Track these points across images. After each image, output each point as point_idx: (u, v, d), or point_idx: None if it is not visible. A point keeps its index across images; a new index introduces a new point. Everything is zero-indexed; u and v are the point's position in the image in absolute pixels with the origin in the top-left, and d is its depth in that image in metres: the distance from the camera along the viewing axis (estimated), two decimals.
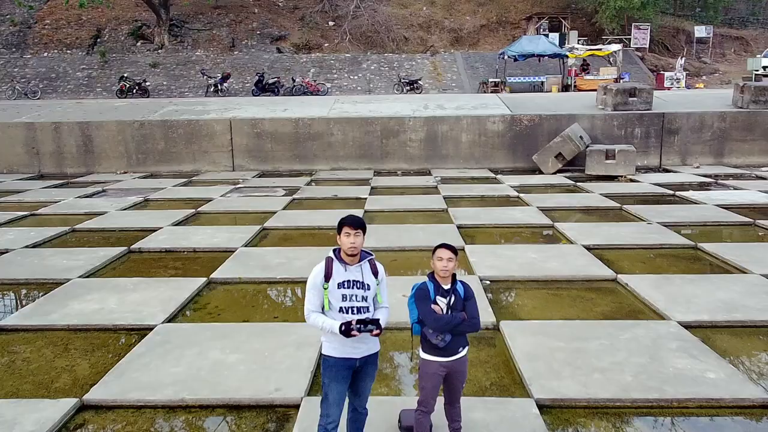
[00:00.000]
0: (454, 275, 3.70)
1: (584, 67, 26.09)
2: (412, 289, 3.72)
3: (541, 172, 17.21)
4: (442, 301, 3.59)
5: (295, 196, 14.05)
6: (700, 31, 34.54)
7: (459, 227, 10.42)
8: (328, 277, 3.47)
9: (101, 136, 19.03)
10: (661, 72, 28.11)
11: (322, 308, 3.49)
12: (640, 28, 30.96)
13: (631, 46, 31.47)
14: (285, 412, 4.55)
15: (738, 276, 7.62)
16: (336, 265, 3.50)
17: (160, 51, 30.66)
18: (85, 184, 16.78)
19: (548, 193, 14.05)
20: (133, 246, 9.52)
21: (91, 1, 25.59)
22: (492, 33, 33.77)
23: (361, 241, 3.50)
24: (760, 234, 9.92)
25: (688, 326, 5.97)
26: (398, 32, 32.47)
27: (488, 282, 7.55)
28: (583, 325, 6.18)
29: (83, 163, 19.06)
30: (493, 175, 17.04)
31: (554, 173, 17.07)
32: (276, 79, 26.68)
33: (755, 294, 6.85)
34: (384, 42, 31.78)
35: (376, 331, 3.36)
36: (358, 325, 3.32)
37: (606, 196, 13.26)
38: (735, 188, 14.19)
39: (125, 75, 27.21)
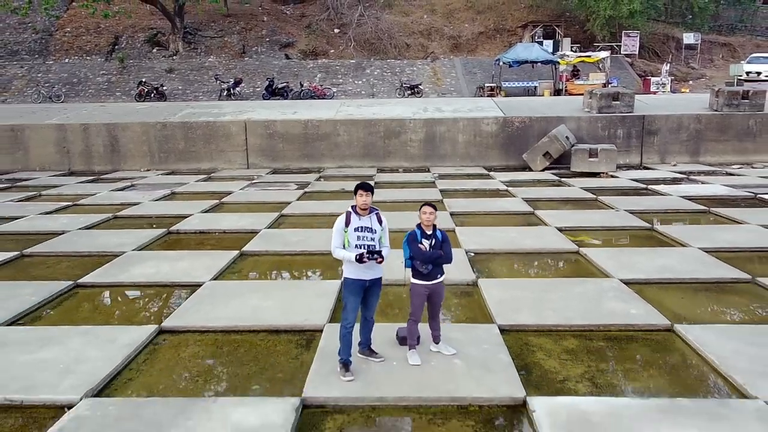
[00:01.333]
0: (434, 225, 5.25)
1: (575, 72, 27.64)
2: (406, 235, 5.27)
3: (530, 170, 18.73)
4: (426, 242, 5.14)
5: (306, 189, 15.61)
6: (688, 38, 36.09)
7: (452, 214, 11.96)
8: (347, 224, 5.01)
9: (126, 137, 20.64)
10: (648, 77, 29.65)
11: (344, 245, 5.03)
12: (629, 36, 32.54)
13: (621, 52, 33.04)
14: (312, 334, 6.09)
15: (679, 249, 9.15)
16: (353, 216, 5.04)
17: (174, 57, 32.34)
18: (114, 179, 18.35)
19: (534, 187, 15.56)
20: (171, 228, 11.09)
21: (114, 12, 27.19)
22: (489, 40, 35.37)
23: (371, 200, 5.05)
24: (711, 219, 11.44)
25: (627, 282, 7.50)
26: (400, 39, 34.10)
27: (473, 254, 9.08)
28: (545, 282, 7.73)
29: (110, 161, 20.66)
30: (486, 172, 18.55)
31: (542, 170, 18.59)
32: (285, 83, 28.33)
33: (688, 262, 8.38)
34: (387, 48, 33.40)
35: (379, 260, 4.91)
36: (368, 255, 4.86)
37: (585, 189, 14.80)
38: (703, 183, 15.71)
39: (143, 80, 28.89)
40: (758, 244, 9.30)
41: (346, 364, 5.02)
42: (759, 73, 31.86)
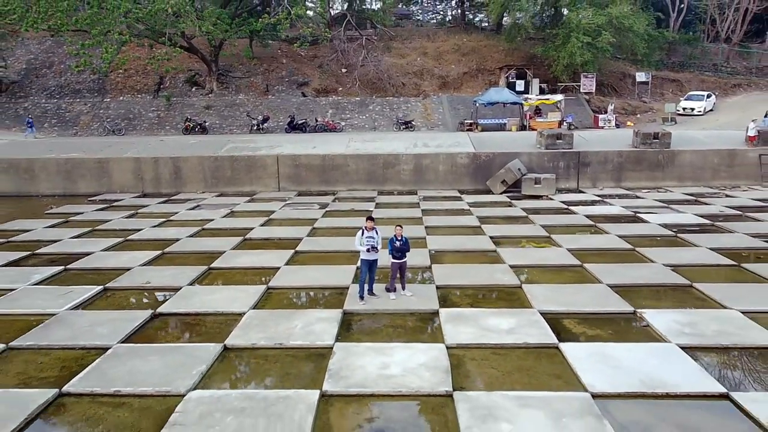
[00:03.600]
0: (402, 234, 11.19)
1: (537, 111, 33.53)
2: (389, 240, 11.22)
3: (492, 193, 24.70)
4: (398, 242, 11.07)
5: (326, 209, 21.57)
6: (640, 76, 42.09)
7: (426, 227, 17.90)
8: (362, 234, 10.95)
9: (186, 166, 26.70)
10: (599, 114, 35.57)
11: (360, 245, 10.98)
12: (587, 77, 38.46)
13: (581, 90, 39.00)
14: (342, 290, 11.99)
15: (556, 249, 15.07)
16: (364, 230, 10.98)
17: (210, 95, 38.36)
18: (182, 201, 24.33)
19: (489, 207, 21.47)
20: (245, 236, 17.04)
21: (163, 57, 33.15)
22: (473, 79, 41.34)
23: (372, 223, 10.97)
24: (591, 231, 17.36)
25: (513, 267, 13.40)
26: (397, 79, 40.08)
27: (433, 251, 15.00)
28: (471, 266, 13.63)
29: (173, 185, 26.69)
30: (459, 194, 24.51)
31: (501, 193, 24.55)
32: (304, 120, 34.35)
33: (554, 256, 14.29)
34: (386, 87, 39.38)
35: (376, 251, 10.85)
36: (371, 248, 10.79)
37: (523, 209, 20.73)
38: (610, 204, 21.64)
39: (188, 117, 34.94)
40: (604, 246, 15.23)
41: (361, 297, 10.95)
42: (693, 109, 37.86)
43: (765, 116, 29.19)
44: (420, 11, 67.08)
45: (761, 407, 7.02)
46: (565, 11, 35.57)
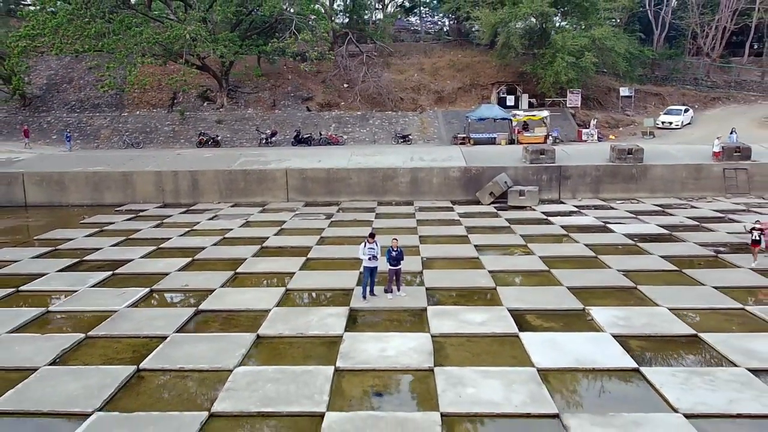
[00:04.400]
0: (398, 246, 13.63)
1: (525, 126, 35.96)
2: (387, 250, 13.67)
3: (481, 203, 27.14)
4: (394, 252, 13.52)
5: (332, 219, 24.02)
6: (624, 90, 44.58)
7: (419, 236, 20.34)
8: (364, 246, 13.40)
9: (203, 179, 29.14)
10: (580, 130, 38.05)
11: (362, 254, 13.42)
12: (573, 92, 40.91)
13: (567, 105, 41.46)
14: (348, 291, 14.43)
15: (529, 256, 17.50)
16: (366, 243, 13.42)
17: (221, 110, 40.82)
18: (200, 211, 26.75)
19: (476, 218, 23.90)
20: (262, 245, 19.49)
21: (176, 80, 35.68)
22: (466, 93, 43.79)
23: (374, 239, 13.42)
24: (563, 240, 19.81)
25: (491, 271, 15.83)
26: (396, 94, 42.51)
27: (425, 258, 17.45)
28: (457, 271, 16.09)
29: (191, 196, 29.13)
30: (451, 205, 26.94)
31: (489, 204, 26.98)
32: (309, 134, 36.82)
33: (525, 262, 16.76)
34: (385, 102, 41.82)
35: (377, 259, 13.30)
36: (372, 257, 13.24)
37: (507, 220, 23.18)
38: (584, 215, 24.09)
39: (202, 131, 37.44)
40: (571, 253, 17.69)
41: (363, 297, 13.41)
42: (671, 123, 40.35)
43: (731, 133, 31.62)
44: (418, 21, 69.74)
45: (659, 377, 9.47)
46: (553, 32, 38.07)
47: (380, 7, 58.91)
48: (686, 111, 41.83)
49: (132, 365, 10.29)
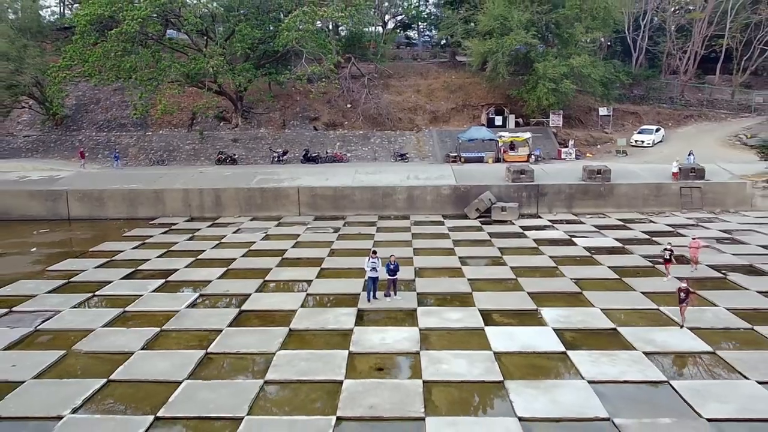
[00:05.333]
0: (395, 260, 17.42)
1: (510, 146, 39.70)
2: (386, 263, 17.46)
3: (467, 218, 30.92)
4: (392, 265, 17.30)
5: (339, 232, 27.80)
6: (602, 110, 48.37)
7: (414, 249, 24.13)
8: (368, 259, 17.19)
9: (225, 196, 32.94)
10: (562, 147, 41.82)
11: (367, 266, 17.20)
12: (555, 113, 44.70)
13: (550, 125, 45.23)
14: (355, 295, 18.17)
15: (502, 267, 21.29)
16: (370, 257, 17.20)
17: (236, 129, 44.60)
18: (224, 224, 30.53)
19: (463, 232, 27.65)
20: (283, 256, 23.26)
21: (200, 108, 39.81)
22: (459, 113, 47.54)
23: (377, 255, 17.20)
24: (534, 252, 23.57)
25: (470, 279, 19.62)
26: (394, 114, 46.26)
27: (417, 268, 21.22)
28: (442, 279, 19.87)
29: (215, 211, 32.92)
30: (442, 219, 30.71)
31: (475, 218, 30.74)
32: (317, 153, 40.67)
33: (495, 272, 20.55)
34: (385, 122, 45.57)
35: (377, 271, 17.08)
36: (373, 269, 17.02)
37: (489, 233, 26.96)
38: (556, 229, 27.85)
39: (220, 150, 41.27)
40: (537, 264, 21.47)
41: (368, 300, 17.20)
42: (643, 142, 44.14)
43: (689, 155, 35.40)
44: (416, 35, 73.71)
45: (578, 357, 13.26)
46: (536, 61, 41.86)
47: (381, 23, 62.76)
48: (657, 130, 45.60)
49: (201, 350, 14.08)
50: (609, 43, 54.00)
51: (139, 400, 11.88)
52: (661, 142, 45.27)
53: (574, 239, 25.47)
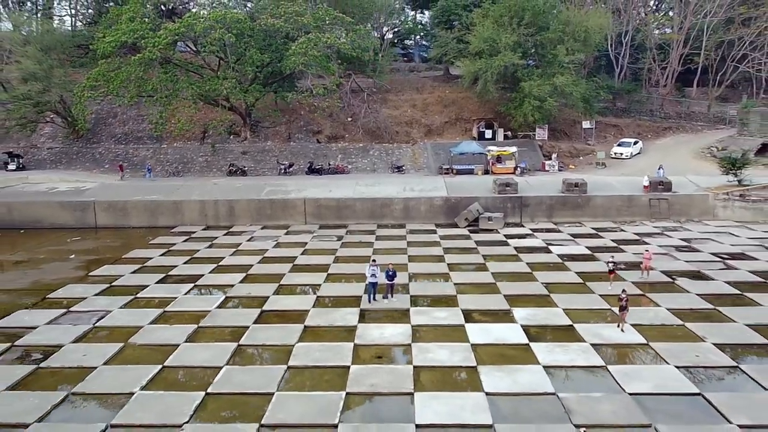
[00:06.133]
0: (393, 267, 20.54)
1: (498, 158, 42.82)
2: (385, 270, 20.58)
3: (457, 227, 34.04)
4: (390, 272, 20.41)
5: (342, 240, 30.91)
6: (586, 124, 51.54)
7: (408, 256, 27.25)
8: (369, 267, 20.30)
9: (238, 206, 36.05)
10: (546, 159, 44.99)
11: (368, 272, 20.32)
12: (540, 127, 47.86)
13: (536, 138, 48.38)
14: (358, 297, 21.26)
15: (484, 272, 24.42)
16: (371, 264, 20.32)
17: (245, 142, 47.67)
18: (238, 233, 33.59)
19: (452, 240, 30.75)
20: (294, 263, 26.36)
21: (214, 125, 43.10)
22: (452, 127, 50.65)
23: (376, 262, 20.31)
24: (513, 259, 26.67)
25: (456, 283, 22.74)
26: (392, 128, 49.35)
27: (411, 274, 24.34)
28: (432, 283, 23.01)
29: (228, 220, 36.00)
30: (434, 228, 33.81)
31: (464, 227, 33.87)
32: (320, 165, 43.81)
33: (484, 276, 23.69)
34: (383, 135, 48.65)
35: (377, 276, 20.19)
36: (372, 275, 20.13)
37: (475, 242, 30.07)
38: (535, 237, 30.98)
39: (231, 162, 44.40)
40: (514, 270, 24.58)
41: (369, 301, 20.32)
42: (621, 154, 47.31)
43: (659, 169, 38.55)
44: (412, 45, 76.96)
45: (537, 347, 16.40)
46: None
47: (379, 37, 65.80)
48: (635, 143, 48.77)
49: (234, 342, 17.19)
50: (594, 58, 56.97)
51: (191, 380, 15.00)
52: (639, 154, 48.41)
53: (550, 247, 28.60)
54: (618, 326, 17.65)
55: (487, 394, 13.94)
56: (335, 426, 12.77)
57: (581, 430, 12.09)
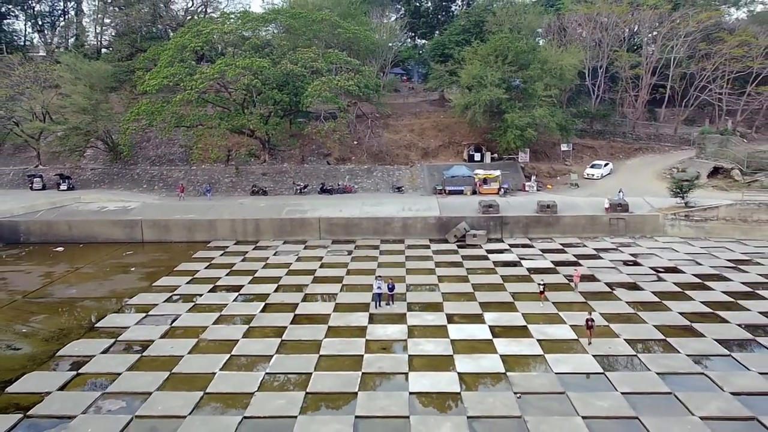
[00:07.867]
0: (392, 281, 26.52)
1: (484, 180, 48.75)
2: (387, 284, 26.57)
3: (448, 242, 40.03)
4: (391, 285, 26.39)
5: (352, 255, 36.89)
6: (564, 146, 57.50)
7: (406, 269, 33.24)
8: (375, 280, 26.28)
9: (262, 224, 42.08)
10: (524, 182, 51.01)
11: (374, 284, 26.30)
12: (522, 151, 53.86)
13: (519, 161, 54.33)
14: (367, 304, 27.23)
15: (465, 283, 30.41)
16: (376, 279, 26.31)
17: (264, 164, 53.68)
18: (264, 247, 39.57)
19: (443, 255, 36.68)
20: (314, 275, 32.33)
21: (241, 156, 49.31)
22: (446, 149, 56.62)
23: (380, 277, 26.30)
24: (490, 272, 32.64)
25: (443, 293, 28.73)
26: (392, 151, 55.35)
27: (410, 285, 30.31)
28: (424, 293, 28.97)
29: (254, 235, 42.01)
30: (428, 243, 39.79)
31: (453, 243, 39.85)
32: (331, 185, 49.85)
33: (466, 287, 29.68)
34: (385, 158, 54.62)
35: (381, 288, 26.17)
36: (378, 287, 26.10)
37: (461, 256, 36.04)
38: (511, 253, 36.94)
39: (254, 183, 50.42)
40: (490, 281, 30.58)
41: (375, 307, 26.30)
42: (593, 175, 53.29)
43: (619, 191, 44.50)
44: (413, 67, 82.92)
45: (498, 342, 22.39)
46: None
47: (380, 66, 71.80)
48: (606, 165, 54.74)
49: (278, 338, 23.21)
50: (573, 86, 62.88)
51: (252, 364, 21.02)
52: (609, 174, 54.34)
53: (522, 261, 34.59)
54: (589, 343, 22.91)
55: (459, 373, 19.95)
56: (355, 393, 18.77)
57: (518, 395, 18.11)
